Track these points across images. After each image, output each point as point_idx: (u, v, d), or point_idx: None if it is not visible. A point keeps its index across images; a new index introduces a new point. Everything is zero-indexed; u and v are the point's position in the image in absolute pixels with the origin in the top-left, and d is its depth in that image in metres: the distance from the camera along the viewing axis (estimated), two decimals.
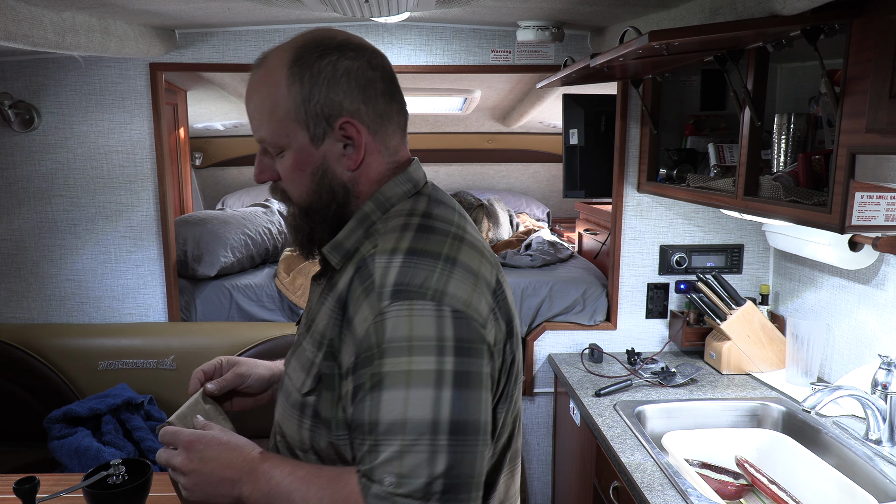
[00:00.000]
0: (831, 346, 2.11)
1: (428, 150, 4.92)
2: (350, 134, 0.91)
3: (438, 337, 0.80)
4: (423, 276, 0.83)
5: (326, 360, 0.89)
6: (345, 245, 0.94)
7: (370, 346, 0.82)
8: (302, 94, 0.89)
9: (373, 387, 0.80)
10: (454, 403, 0.79)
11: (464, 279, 0.85)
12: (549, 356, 2.58)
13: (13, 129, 2.39)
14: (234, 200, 4.54)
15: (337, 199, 0.94)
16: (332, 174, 0.93)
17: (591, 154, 2.65)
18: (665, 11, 1.80)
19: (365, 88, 0.91)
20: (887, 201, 1.29)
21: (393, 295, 0.82)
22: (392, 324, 0.80)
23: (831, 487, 1.54)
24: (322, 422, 0.90)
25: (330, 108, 0.90)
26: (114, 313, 2.56)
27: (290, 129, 0.91)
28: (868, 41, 1.18)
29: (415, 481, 0.76)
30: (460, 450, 0.78)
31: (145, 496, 1.22)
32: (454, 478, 0.77)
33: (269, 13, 2.13)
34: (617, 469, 1.68)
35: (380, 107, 0.93)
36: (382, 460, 0.78)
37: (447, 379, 0.79)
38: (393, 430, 0.78)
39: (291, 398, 0.95)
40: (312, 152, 0.92)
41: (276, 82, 0.91)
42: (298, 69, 0.90)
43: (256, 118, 0.94)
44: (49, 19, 1.64)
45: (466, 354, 0.81)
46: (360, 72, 0.91)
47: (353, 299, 0.86)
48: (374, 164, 0.95)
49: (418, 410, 0.78)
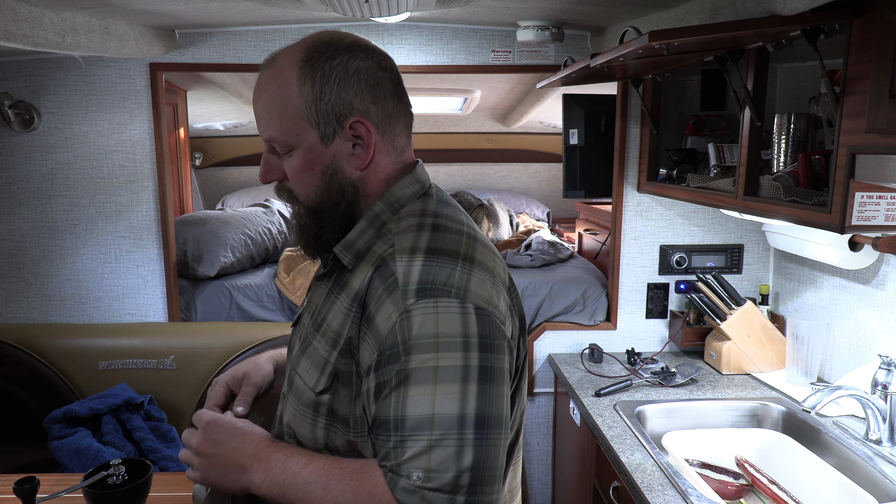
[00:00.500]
0: (831, 346, 2.11)
1: (428, 150, 4.92)
2: (360, 133, 0.92)
3: (464, 333, 0.82)
4: (446, 275, 0.84)
5: (343, 358, 0.89)
6: (356, 244, 0.95)
7: (395, 344, 0.82)
8: (313, 93, 0.90)
9: (399, 383, 0.81)
10: (479, 398, 0.80)
11: (483, 277, 0.87)
12: (549, 356, 2.58)
13: (13, 129, 2.39)
14: (234, 200, 4.55)
15: (346, 198, 0.95)
16: (342, 173, 0.94)
17: (591, 154, 2.65)
18: (665, 11, 1.80)
19: (374, 88, 0.93)
20: (887, 201, 1.29)
21: (418, 293, 0.83)
22: (419, 321, 0.82)
23: (831, 487, 1.54)
24: (338, 419, 0.90)
25: (340, 108, 0.90)
26: (114, 313, 2.56)
27: (301, 128, 0.91)
28: (868, 41, 1.18)
29: (443, 475, 0.77)
30: (486, 443, 0.80)
31: (145, 496, 1.22)
32: (481, 471, 0.79)
33: (269, 13, 2.13)
34: (617, 469, 1.68)
35: (388, 107, 0.94)
36: (410, 456, 0.79)
37: (473, 374, 0.81)
38: (420, 425, 0.79)
39: (304, 397, 0.94)
40: (322, 151, 0.92)
41: (286, 82, 0.91)
42: (310, 68, 0.90)
43: (265, 117, 0.94)
44: (49, 19, 1.64)
45: (490, 350, 0.83)
46: (370, 72, 0.92)
47: (374, 297, 0.87)
48: (382, 164, 0.96)
49: (445, 406, 0.79)
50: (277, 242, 3.13)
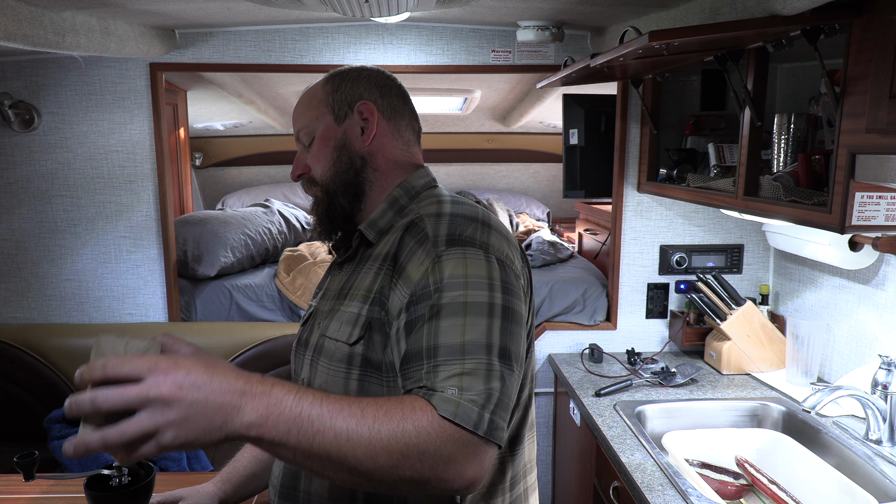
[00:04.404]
0: (831, 346, 2.11)
1: (428, 150, 4.79)
2: (366, 114, 1.10)
3: (489, 276, 0.92)
4: (470, 231, 0.97)
5: (374, 306, 0.98)
6: (379, 223, 1.08)
7: (427, 285, 0.92)
8: (332, 87, 1.12)
9: (431, 317, 0.89)
10: (503, 332, 0.89)
11: (499, 237, 0.99)
12: (549, 356, 2.58)
13: (13, 129, 2.39)
14: (234, 200, 4.55)
15: (355, 166, 1.10)
16: (351, 146, 1.11)
17: (591, 154, 2.65)
18: (665, 11, 1.80)
19: (381, 87, 1.13)
20: (887, 201, 1.29)
21: (447, 242, 0.95)
22: (450, 264, 0.92)
23: (831, 487, 1.54)
24: (373, 367, 0.98)
25: (352, 97, 1.11)
26: (114, 313, 2.56)
27: (320, 112, 1.11)
28: (868, 41, 1.18)
29: (475, 392, 0.83)
30: (507, 373, 0.87)
31: (149, 497, 1.22)
32: (503, 396, 0.85)
33: (269, 13, 2.13)
34: (617, 469, 1.68)
35: (393, 102, 1.13)
36: (444, 377, 0.84)
37: (497, 311, 0.90)
38: (453, 351, 0.86)
39: (337, 354, 1.00)
40: (335, 128, 1.11)
41: (315, 89, 1.15)
42: (332, 77, 1.14)
43: (298, 118, 1.14)
44: (49, 19, 1.64)
45: (511, 294, 0.93)
46: (380, 77, 1.14)
47: (406, 251, 0.98)
48: (389, 146, 1.12)
49: (474, 335, 0.87)
50: (277, 242, 3.13)
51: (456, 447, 0.80)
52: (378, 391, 0.97)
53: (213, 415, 0.73)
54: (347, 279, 1.07)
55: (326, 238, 1.15)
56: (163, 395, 0.72)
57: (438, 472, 0.79)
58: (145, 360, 0.73)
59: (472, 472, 0.81)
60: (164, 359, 0.75)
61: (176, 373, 0.73)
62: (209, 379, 0.74)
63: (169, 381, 0.72)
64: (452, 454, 0.80)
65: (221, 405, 0.74)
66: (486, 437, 0.81)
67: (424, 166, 1.16)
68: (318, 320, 1.09)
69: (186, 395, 0.72)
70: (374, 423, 0.78)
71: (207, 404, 0.73)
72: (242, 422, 0.74)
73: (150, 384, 0.72)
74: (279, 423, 0.75)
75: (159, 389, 0.72)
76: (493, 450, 0.84)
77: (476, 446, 0.81)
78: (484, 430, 0.81)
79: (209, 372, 0.75)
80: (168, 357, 0.76)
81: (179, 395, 0.72)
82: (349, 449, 0.76)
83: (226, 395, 0.74)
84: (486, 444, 0.82)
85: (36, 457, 1.23)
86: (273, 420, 0.75)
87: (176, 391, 0.72)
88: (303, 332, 1.15)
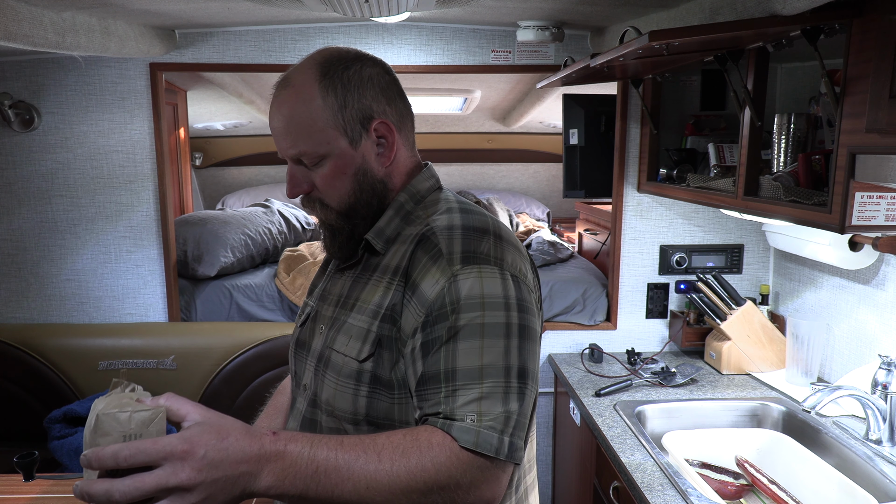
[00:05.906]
0: (831, 346, 2.11)
1: (428, 150, 4.91)
2: (383, 133, 1.01)
3: (504, 295, 0.91)
4: (484, 247, 0.95)
5: (385, 324, 0.96)
6: (386, 231, 1.03)
7: (444, 305, 0.90)
8: (337, 103, 0.97)
9: (449, 339, 0.88)
10: (520, 352, 0.89)
11: (513, 251, 0.98)
12: (549, 356, 2.58)
13: (13, 129, 2.39)
14: (234, 200, 4.55)
15: (377, 194, 1.03)
16: (371, 172, 1.01)
17: (591, 154, 2.65)
18: (665, 11, 1.80)
19: (386, 91, 1.01)
20: (887, 201, 1.29)
21: (463, 260, 0.93)
22: (467, 284, 0.90)
23: (831, 487, 1.54)
24: (382, 385, 0.96)
25: (363, 112, 0.98)
26: (114, 313, 2.56)
27: (330, 137, 0.97)
28: (868, 41, 1.18)
29: (494, 418, 0.84)
30: (525, 393, 0.88)
31: None
32: (521, 416, 0.86)
33: (269, 13, 2.13)
34: (617, 469, 1.68)
35: (399, 107, 1.04)
36: (463, 402, 0.84)
37: (514, 331, 0.90)
38: (471, 375, 0.86)
39: (346, 369, 0.98)
40: (352, 155, 0.99)
41: (309, 97, 0.97)
42: (329, 81, 0.97)
43: (291, 134, 0.98)
44: (49, 19, 1.64)
45: (526, 311, 0.93)
46: (380, 77, 1.01)
47: (418, 267, 0.95)
48: (403, 159, 1.05)
49: (492, 357, 0.87)
50: (277, 242, 3.13)
51: (477, 473, 0.82)
52: (386, 407, 0.96)
53: (232, 487, 0.75)
54: (352, 287, 1.04)
55: (345, 261, 1.07)
56: (182, 483, 0.71)
57: (458, 499, 0.82)
58: (159, 447, 0.72)
59: (491, 493, 0.84)
60: (179, 441, 0.73)
61: (193, 458, 0.72)
62: (225, 455, 0.74)
63: (187, 467, 0.71)
64: (473, 480, 0.82)
65: (240, 476, 0.75)
66: (506, 460, 0.83)
67: (427, 164, 1.11)
68: (320, 325, 1.07)
69: (206, 476, 0.72)
70: (392, 467, 0.80)
71: (227, 480, 0.74)
72: (261, 486, 0.76)
73: (168, 473, 0.71)
74: (296, 482, 0.77)
75: (178, 478, 0.71)
76: (511, 468, 0.85)
77: (496, 469, 0.83)
78: (505, 455, 0.83)
79: (223, 445, 0.74)
80: (182, 439, 0.73)
81: (199, 478, 0.72)
82: (369, 496, 0.79)
83: (242, 465, 0.75)
84: (506, 464, 0.84)
85: (36, 457, 1.23)
86: (290, 479, 0.77)
87: (195, 476, 0.72)
88: (302, 333, 1.13)
